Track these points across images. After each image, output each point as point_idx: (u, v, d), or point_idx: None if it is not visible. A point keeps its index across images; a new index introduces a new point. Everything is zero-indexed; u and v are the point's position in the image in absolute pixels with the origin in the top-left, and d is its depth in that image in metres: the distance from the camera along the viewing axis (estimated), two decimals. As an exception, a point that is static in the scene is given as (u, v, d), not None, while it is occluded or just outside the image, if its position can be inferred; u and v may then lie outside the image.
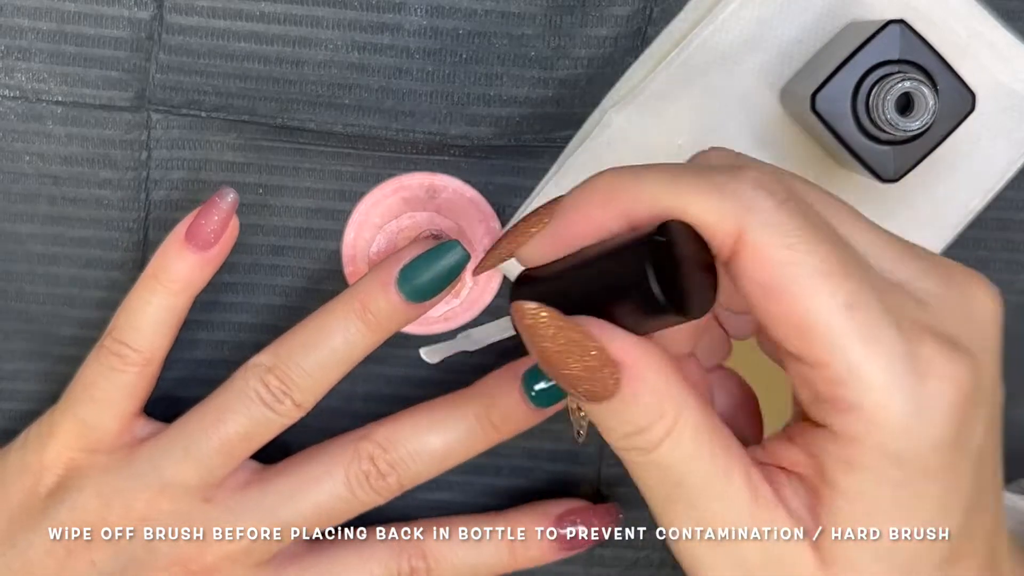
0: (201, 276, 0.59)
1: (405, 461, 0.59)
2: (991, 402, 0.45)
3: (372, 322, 0.58)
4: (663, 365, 0.45)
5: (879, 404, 0.43)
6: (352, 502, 0.59)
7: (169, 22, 0.59)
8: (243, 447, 0.59)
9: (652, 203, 0.44)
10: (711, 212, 0.44)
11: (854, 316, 0.43)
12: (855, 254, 0.44)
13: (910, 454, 0.43)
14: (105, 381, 0.59)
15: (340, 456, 0.59)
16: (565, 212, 0.46)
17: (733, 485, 0.45)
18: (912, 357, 0.43)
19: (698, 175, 0.44)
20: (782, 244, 0.43)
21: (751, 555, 0.45)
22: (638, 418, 0.45)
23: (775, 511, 0.45)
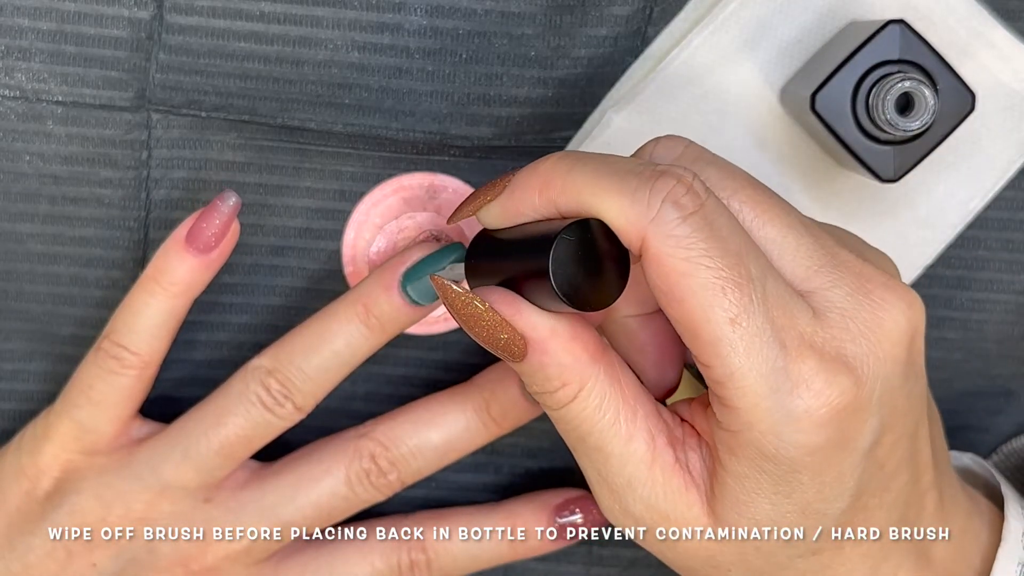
0: (201, 279, 0.59)
1: (406, 458, 0.59)
2: (885, 411, 0.49)
3: (375, 325, 0.58)
4: (570, 342, 0.49)
5: (751, 410, 0.47)
6: (352, 500, 0.59)
7: (169, 22, 0.59)
8: (243, 449, 0.59)
9: (575, 198, 0.48)
10: (620, 217, 0.47)
11: (736, 330, 0.46)
12: (758, 265, 0.47)
13: (780, 454, 0.48)
14: (103, 384, 0.59)
15: (340, 454, 0.59)
16: (513, 189, 0.50)
17: (632, 449, 0.50)
18: (786, 373, 0.47)
19: (620, 178, 0.47)
20: (680, 256, 0.46)
21: (642, 510, 0.51)
22: (544, 383, 0.50)
23: (671, 477, 0.50)
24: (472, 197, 0.52)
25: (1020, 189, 0.62)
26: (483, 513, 0.62)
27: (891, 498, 0.51)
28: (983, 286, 0.63)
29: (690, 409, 0.51)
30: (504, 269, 0.51)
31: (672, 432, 0.51)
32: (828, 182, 0.61)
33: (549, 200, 0.49)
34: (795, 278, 0.49)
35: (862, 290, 0.49)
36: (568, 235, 0.47)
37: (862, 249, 0.52)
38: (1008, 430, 0.65)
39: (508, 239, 0.51)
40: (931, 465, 0.52)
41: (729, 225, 0.47)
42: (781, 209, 0.49)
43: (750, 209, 0.49)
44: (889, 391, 0.48)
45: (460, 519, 0.62)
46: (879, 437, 0.49)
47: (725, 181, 0.49)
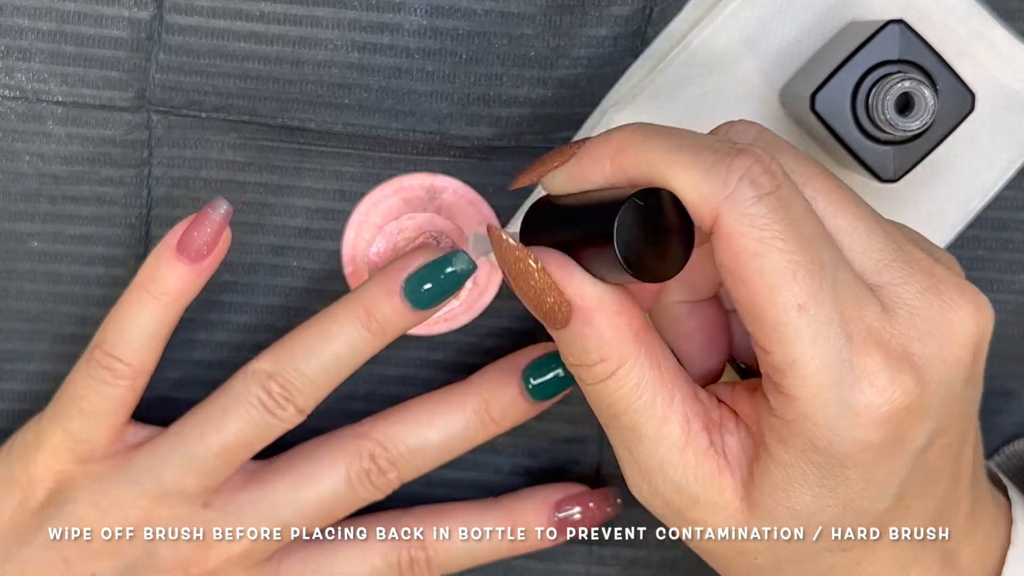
0: (192, 287, 0.58)
1: (405, 457, 0.59)
2: (943, 415, 0.48)
3: (376, 329, 0.58)
4: (615, 317, 0.49)
5: (810, 400, 0.46)
6: (352, 499, 0.59)
7: (169, 22, 0.59)
8: (243, 452, 0.59)
9: (648, 169, 0.47)
10: (694, 191, 0.46)
11: (804, 317, 0.46)
12: (830, 253, 0.46)
13: (833, 448, 0.47)
14: (94, 394, 0.58)
15: (340, 454, 0.59)
16: (582, 156, 0.49)
17: (667, 432, 0.49)
18: (851, 365, 0.46)
19: (696, 151, 0.46)
20: (753, 236, 0.45)
21: (671, 492, 0.50)
22: (582, 356, 0.50)
23: (703, 461, 0.49)
24: (540, 162, 0.51)
25: (1020, 189, 0.62)
26: (482, 510, 0.62)
27: (931, 502, 0.50)
28: (983, 286, 0.62)
29: (732, 392, 0.51)
30: (563, 235, 0.50)
31: (709, 415, 0.50)
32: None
33: (620, 168, 0.48)
34: (865, 271, 0.48)
35: (933, 289, 0.48)
36: (638, 200, 0.46)
37: (932, 249, 0.51)
38: (1008, 430, 0.65)
39: (570, 205, 0.50)
40: (971, 470, 0.52)
41: (804, 210, 0.46)
42: (853, 201, 0.49)
43: (823, 197, 0.48)
44: (950, 395, 0.48)
45: (459, 516, 0.61)
46: (932, 440, 0.48)
47: (800, 168, 0.49)
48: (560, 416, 0.64)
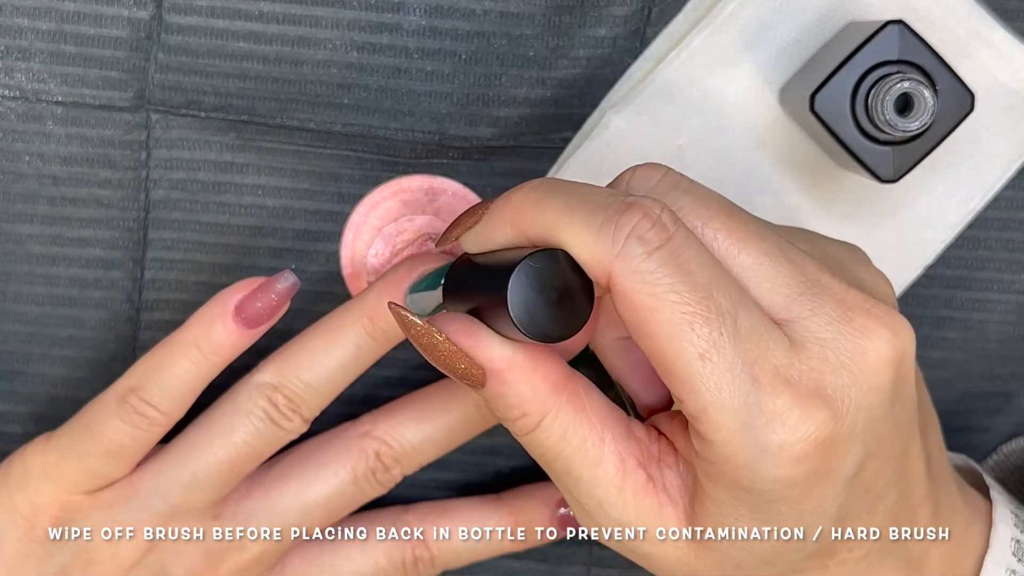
0: (241, 349, 0.58)
1: (409, 454, 0.59)
2: (870, 439, 0.48)
3: (380, 336, 0.58)
4: (529, 374, 0.49)
5: (726, 444, 0.46)
6: (358, 497, 0.60)
7: (168, 22, 0.59)
8: (250, 464, 0.58)
9: (544, 230, 0.47)
10: (586, 251, 0.46)
11: (706, 366, 0.46)
12: (730, 297, 0.46)
13: (756, 487, 0.47)
14: (124, 437, 0.58)
15: (345, 455, 0.59)
16: (487, 218, 0.50)
17: (601, 473, 0.49)
18: (759, 408, 0.46)
19: (588, 211, 0.47)
20: (646, 292, 0.46)
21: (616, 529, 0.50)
22: (504, 412, 0.50)
23: (642, 498, 0.49)
24: (455, 223, 0.52)
25: (1020, 189, 0.62)
26: (485, 507, 0.62)
27: (878, 519, 0.50)
28: (983, 286, 0.63)
29: (670, 425, 0.51)
30: (473, 294, 0.51)
31: (647, 450, 0.50)
32: (828, 183, 0.61)
33: (520, 230, 0.48)
34: (773, 307, 0.48)
35: (844, 318, 0.48)
36: (531, 263, 0.47)
37: (856, 269, 0.51)
38: (1008, 430, 0.65)
39: (481, 264, 0.51)
40: (924, 479, 0.52)
41: (698, 258, 0.46)
42: (757, 235, 0.48)
43: (725, 236, 0.48)
44: (873, 420, 0.48)
45: (462, 513, 0.62)
46: (863, 464, 0.48)
47: (699, 209, 0.48)
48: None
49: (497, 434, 0.63)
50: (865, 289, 0.50)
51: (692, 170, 0.60)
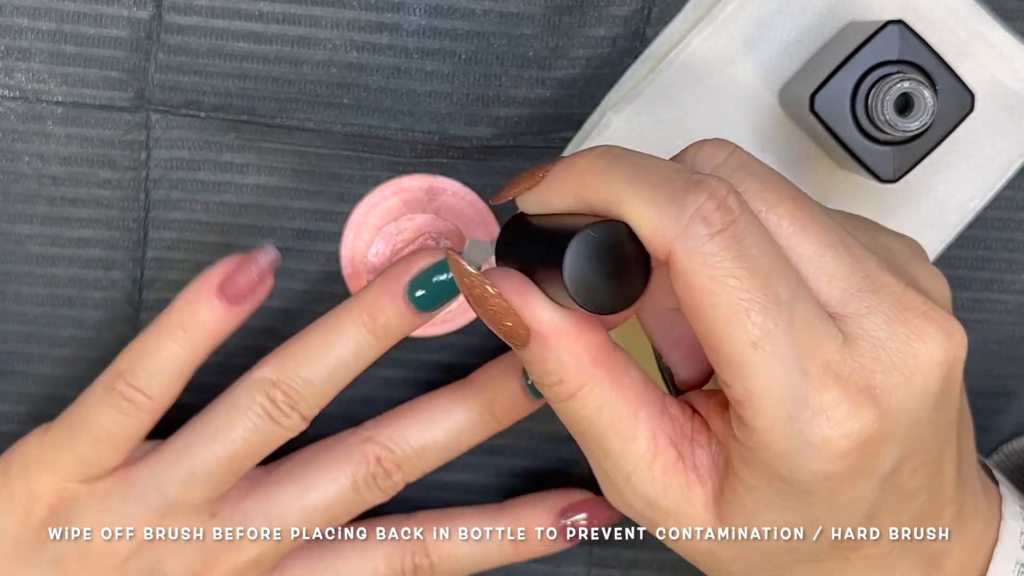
0: (227, 329, 0.58)
1: (411, 459, 0.59)
2: (909, 441, 0.48)
3: (381, 333, 0.57)
4: (572, 342, 0.49)
5: (768, 432, 0.46)
6: (359, 502, 0.59)
7: (168, 22, 0.59)
8: (248, 462, 0.58)
9: (607, 200, 0.47)
10: (648, 227, 0.46)
11: (758, 354, 0.46)
12: (788, 287, 0.46)
13: (794, 477, 0.47)
14: (113, 424, 0.58)
15: (346, 459, 0.59)
16: (548, 181, 0.50)
17: (632, 448, 0.50)
18: (807, 401, 0.46)
19: (653, 186, 0.46)
20: (705, 274, 0.45)
21: (642, 505, 0.50)
22: (542, 376, 0.50)
23: (672, 476, 0.50)
24: (515, 182, 0.51)
25: (1020, 189, 0.62)
26: (486, 515, 0.62)
27: (907, 516, 0.50)
28: (983, 286, 0.63)
29: (706, 404, 0.51)
30: (527, 255, 0.50)
31: (681, 428, 0.50)
32: (828, 183, 0.61)
33: (581, 197, 0.48)
34: (830, 300, 0.47)
35: (900, 318, 0.47)
36: (590, 233, 0.46)
37: (914, 267, 0.51)
38: (1009, 430, 0.65)
39: (538, 226, 0.50)
40: (954, 481, 0.52)
41: (760, 243, 0.46)
42: (822, 226, 0.48)
43: (788, 224, 0.48)
44: (916, 423, 0.48)
45: (463, 521, 0.61)
46: (900, 464, 0.48)
47: (765, 193, 0.48)
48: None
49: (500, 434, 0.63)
50: (922, 289, 0.49)
51: (692, 170, 0.60)
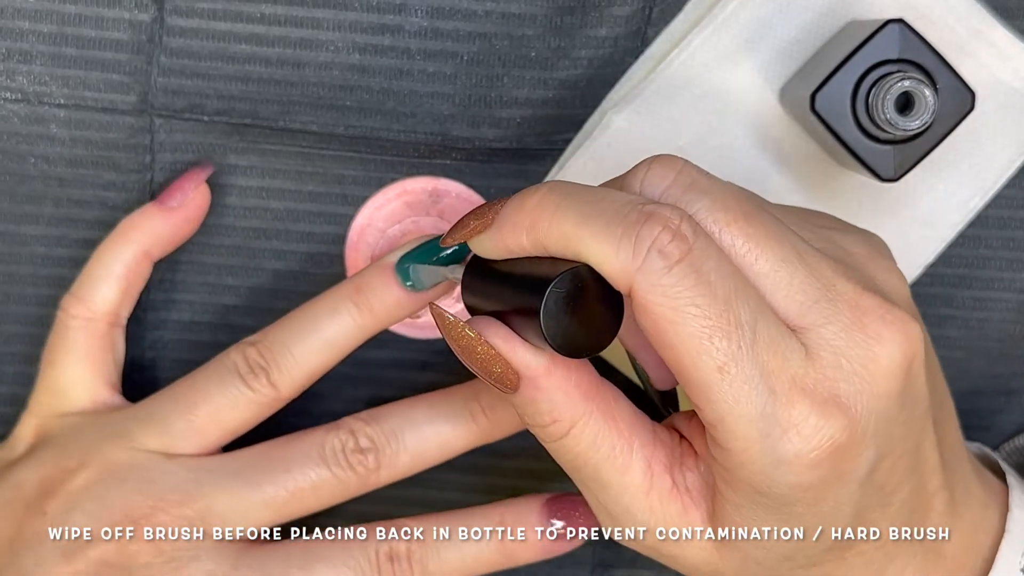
0: (159, 231, 0.59)
1: (387, 435, 0.58)
2: (881, 440, 0.48)
3: (364, 305, 0.57)
4: (562, 380, 0.49)
5: (742, 453, 0.47)
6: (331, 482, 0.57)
7: (170, 24, 0.59)
8: (209, 419, 0.57)
9: (562, 243, 0.47)
10: (607, 265, 0.46)
11: (724, 378, 0.46)
12: (749, 308, 0.46)
13: (773, 491, 0.48)
14: (56, 338, 0.59)
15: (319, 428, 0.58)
16: (500, 224, 0.49)
17: (629, 479, 0.50)
18: (776, 418, 0.46)
19: (605, 224, 0.46)
20: (667, 305, 0.46)
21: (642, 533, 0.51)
22: (535, 417, 0.50)
23: (668, 503, 0.50)
24: (463, 223, 0.51)
25: (1020, 187, 0.62)
26: (470, 513, 0.60)
27: (893, 510, 0.51)
28: (984, 284, 0.63)
29: (689, 427, 0.51)
30: (497, 300, 0.50)
31: (671, 453, 0.51)
32: (828, 182, 0.61)
33: (536, 241, 0.48)
34: (789, 314, 0.48)
35: (857, 324, 0.48)
36: (559, 287, 0.47)
37: (871, 267, 0.51)
38: (1009, 428, 0.65)
39: (503, 272, 0.50)
40: (939, 469, 0.52)
41: (718, 268, 0.46)
42: (775, 240, 0.48)
43: (743, 242, 0.48)
44: (885, 422, 0.48)
45: (447, 521, 0.59)
46: (876, 464, 0.49)
47: (716, 212, 0.48)
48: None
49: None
50: (879, 289, 0.50)
51: (693, 170, 0.60)
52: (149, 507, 0.56)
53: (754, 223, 0.48)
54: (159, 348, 0.63)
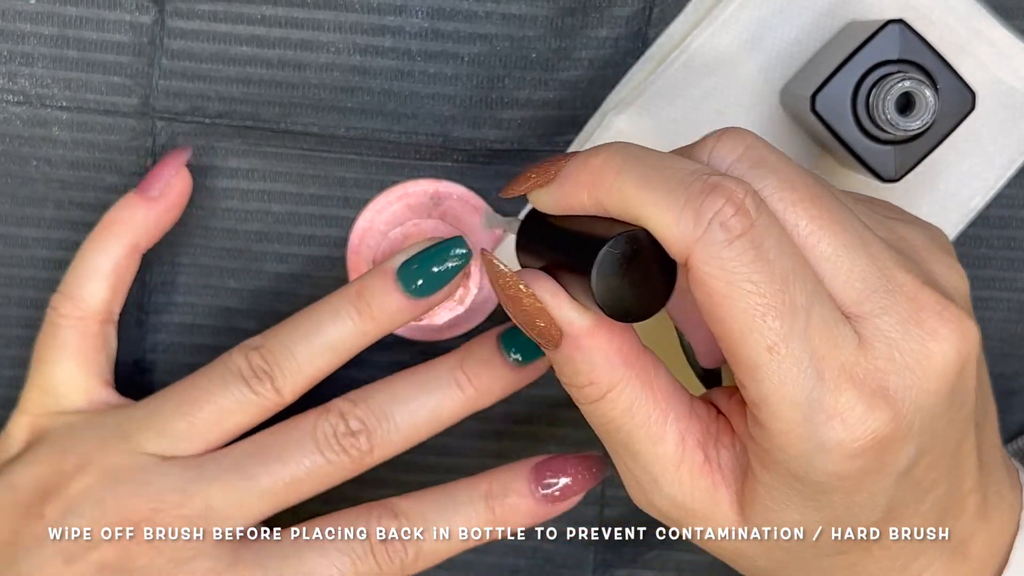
0: (144, 223, 0.59)
1: (376, 415, 0.57)
2: (924, 437, 0.48)
3: (365, 310, 0.57)
4: (604, 342, 0.49)
5: (783, 435, 0.46)
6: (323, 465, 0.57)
7: (170, 26, 0.59)
8: (211, 422, 0.57)
9: (622, 205, 0.47)
10: (666, 232, 0.46)
11: (774, 358, 0.46)
12: (805, 290, 0.46)
13: (810, 477, 0.47)
14: (46, 337, 0.59)
15: (309, 414, 0.57)
16: (561, 180, 0.49)
17: (661, 450, 0.50)
18: (822, 404, 0.46)
19: (669, 190, 0.46)
20: (723, 279, 0.45)
21: (669, 506, 0.50)
22: (573, 377, 0.50)
23: (698, 478, 0.50)
24: (525, 175, 0.51)
25: (1021, 187, 0.62)
26: (457, 485, 0.59)
27: (926, 508, 0.51)
28: (985, 284, 0.63)
29: (728, 404, 0.51)
30: (550, 255, 0.50)
31: (706, 429, 0.50)
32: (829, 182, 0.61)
33: (597, 200, 0.48)
34: (846, 300, 0.47)
35: (914, 319, 0.47)
36: (614, 248, 0.46)
37: (932, 261, 0.50)
38: (1010, 428, 0.65)
39: (558, 226, 0.50)
40: (975, 470, 0.52)
41: (779, 246, 0.46)
42: (839, 224, 0.48)
43: (807, 223, 0.47)
44: (930, 420, 0.48)
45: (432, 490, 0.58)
46: (916, 460, 0.48)
47: (783, 192, 0.47)
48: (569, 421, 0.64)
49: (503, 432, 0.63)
50: (938, 285, 0.49)
51: (694, 170, 0.60)
52: (149, 509, 0.56)
53: (820, 205, 0.48)
54: (159, 351, 0.63)
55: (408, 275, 0.56)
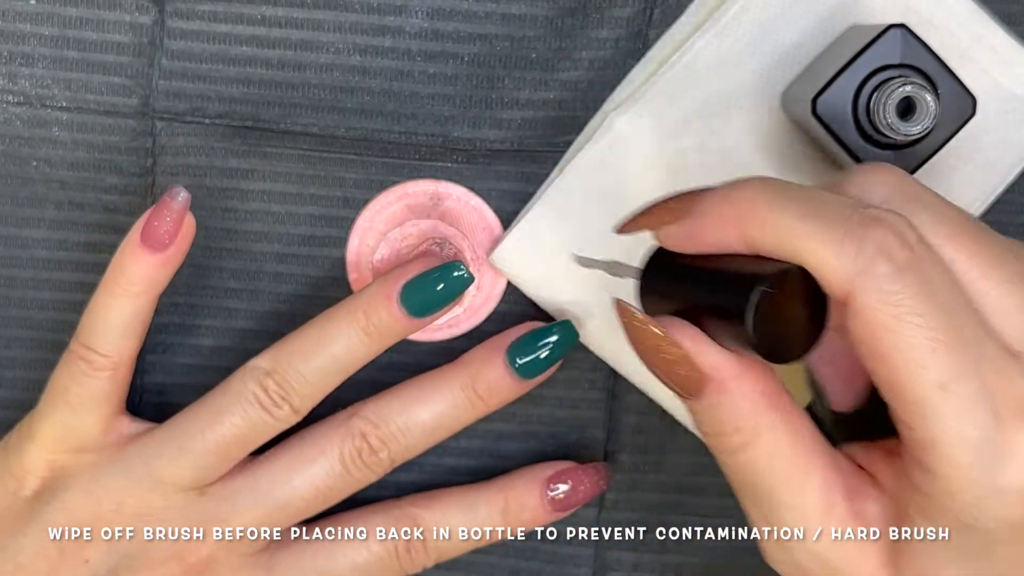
0: (160, 276, 0.58)
1: (395, 436, 0.59)
2: None
3: (373, 333, 0.58)
4: (750, 386, 0.47)
5: (954, 479, 0.44)
6: (347, 479, 0.59)
7: (170, 27, 0.59)
8: (238, 449, 0.58)
9: (777, 241, 0.45)
10: (826, 267, 0.44)
11: (946, 396, 0.43)
12: (973, 325, 0.44)
13: (979, 525, 0.44)
14: (78, 386, 0.59)
15: (332, 435, 0.59)
16: (701, 215, 0.47)
17: (805, 502, 0.47)
18: (997, 444, 0.44)
19: (827, 224, 0.44)
20: (889, 312, 0.43)
21: (811, 562, 0.48)
22: (716, 426, 0.48)
23: (844, 532, 0.47)
24: (651, 212, 0.49)
25: (1021, 192, 0.62)
26: (475, 489, 0.62)
27: None
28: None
29: (869, 457, 0.49)
30: (687, 297, 0.48)
31: (849, 481, 0.48)
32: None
33: (745, 236, 0.46)
34: (1011, 338, 0.45)
35: None
36: (769, 286, 0.44)
37: None
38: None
39: (696, 267, 0.48)
40: None
41: (943, 280, 0.44)
42: (997, 259, 0.46)
43: (965, 259, 0.46)
44: None
45: (452, 496, 0.61)
46: None
47: (939, 226, 0.46)
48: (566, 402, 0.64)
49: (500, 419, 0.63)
50: None
51: (694, 173, 0.60)
52: (193, 546, 0.58)
53: (977, 241, 0.46)
54: (159, 351, 0.63)
55: (410, 297, 0.57)
